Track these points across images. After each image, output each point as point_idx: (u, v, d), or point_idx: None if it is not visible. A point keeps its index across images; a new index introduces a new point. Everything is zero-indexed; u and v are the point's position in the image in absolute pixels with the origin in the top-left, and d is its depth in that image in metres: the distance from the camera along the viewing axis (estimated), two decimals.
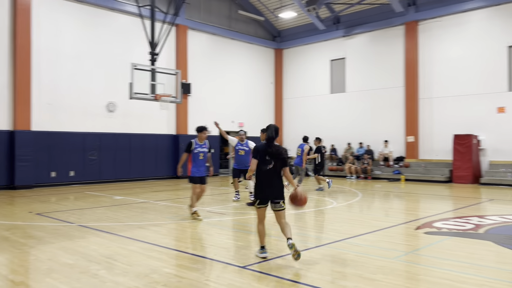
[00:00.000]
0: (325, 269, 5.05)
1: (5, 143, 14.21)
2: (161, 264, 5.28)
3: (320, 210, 9.93)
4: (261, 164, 5.47)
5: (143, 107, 17.39)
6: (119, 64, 16.78)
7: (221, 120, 20.81)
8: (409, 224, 7.97)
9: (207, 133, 8.49)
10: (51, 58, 15.34)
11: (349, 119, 20.92)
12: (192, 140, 8.37)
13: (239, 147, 10.76)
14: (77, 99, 15.97)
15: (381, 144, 19.37)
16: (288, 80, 23.76)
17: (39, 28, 14.98)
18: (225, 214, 9.08)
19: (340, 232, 7.26)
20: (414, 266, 5.26)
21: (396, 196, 12.89)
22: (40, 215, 8.94)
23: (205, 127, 8.52)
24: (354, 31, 20.62)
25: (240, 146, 10.76)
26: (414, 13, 18.61)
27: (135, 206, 10.37)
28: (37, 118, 14.88)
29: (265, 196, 5.48)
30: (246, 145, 10.71)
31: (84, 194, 12.89)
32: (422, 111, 18.61)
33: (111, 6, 16.81)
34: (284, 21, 22.91)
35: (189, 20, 19.55)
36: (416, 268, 5.20)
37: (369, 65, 20.29)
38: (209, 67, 20.57)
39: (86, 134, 16.11)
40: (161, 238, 6.85)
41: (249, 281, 4.56)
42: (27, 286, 4.45)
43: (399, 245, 6.43)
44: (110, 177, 16.76)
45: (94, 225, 7.83)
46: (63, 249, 5.96)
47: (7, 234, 7.00)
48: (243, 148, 10.73)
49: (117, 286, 4.42)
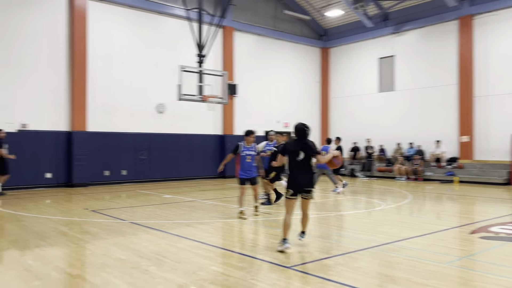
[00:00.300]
0: (373, 272, 4.93)
1: (64, 143, 15.04)
2: (208, 262, 5.37)
3: (368, 211, 9.72)
4: (292, 157, 5.98)
5: (191, 108, 17.78)
6: (168, 66, 17.27)
7: (267, 120, 21.02)
8: (463, 228, 7.62)
9: (254, 136, 8.73)
10: (105, 62, 16.05)
11: (399, 118, 20.31)
12: (239, 143, 8.68)
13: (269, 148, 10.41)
14: (129, 101, 16.60)
15: (432, 144, 18.64)
16: (334, 79, 23.43)
17: (94, 34, 15.72)
18: (271, 214, 9.10)
19: (389, 234, 7.06)
20: (469, 272, 5.02)
21: (449, 198, 12.36)
22: (95, 212, 9.37)
23: (253, 131, 8.78)
24: (404, 28, 20.00)
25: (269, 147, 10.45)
26: (468, 7, 17.76)
27: (183, 204, 10.62)
28: (92, 120, 15.63)
29: (298, 185, 5.89)
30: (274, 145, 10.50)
31: (135, 193, 13.38)
32: (478, 110, 17.73)
33: (160, 10, 17.34)
34: (331, 20, 22.62)
35: (236, 22, 19.77)
36: (470, 274, 4.97)
37: (420, 63, 19.60)
38: (255, 67, 20.70)
39: (137, 134, 16.71)
40: (208, 236, 6.98)
41: (294, 282, 4.54)
42: (83, 279, 4.68)
43: (453, 249, 6.16)
44: (159, 176, 17.28)
45: (144, 222, 8.11)
46: (116, 245, 6.21)
47: (65, 230, 7.40)
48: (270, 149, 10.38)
49: (166, 282, 4.54)
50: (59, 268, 5.09)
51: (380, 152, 20.23)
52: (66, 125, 15.22)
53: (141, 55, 16.99)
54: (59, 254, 5.80)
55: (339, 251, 5.96)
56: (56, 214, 9.10)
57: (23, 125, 14.23)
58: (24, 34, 14.33)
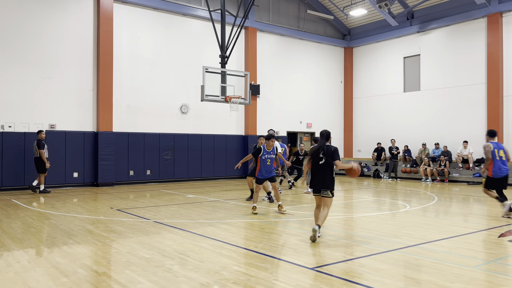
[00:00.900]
0: (397, 275, 4.86)
1: (91, 144, 15.38)
2: (230, 261, 5.40)
3: (393, 213, 9.57)
4: (316, 160, 6.72)
5: (214, 108, 17.91)
6: (191, 67, 17.45)
7: (289, 120, 20.98)
8: (491, 231, 7.42)
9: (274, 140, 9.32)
10: (130, 63, 16.34)
11: (424, 119, 19.93)
12: (261, 147, 9.29)
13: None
14: (153, 102, 16.85)
15: (459, 145, 18.21)
16: (358, 79, 23.18)
17: (120, 35, 16.03)
18: (293, 215, 9.07)
19: (414, 237, 6.93)
20: (497, 276, 4.88)
21: (476, 200, 12.05)
22: (120, 211, 9.55)
23: (274, 136, 9.35)
24: (430, 26, 19.61)
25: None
26: (497, 4, 17.28)
27: (206, 204, 10.70)
28: (117, 120, 15.92)
29: (315, 185, 6.72)
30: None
31: (159, 192, 13.55)
32: (507, 110, 17.23)
33: (184, 12, 17.52)
34: (354, 19, 22.39)
35: (258, 22, 19.79)
36: (499, 278, 4.83)
37: (446, 61, 19.18)
38: (277, 68, 20.68)
39: (161, 134, 16.93)
40: (230, 236, 7.00)
41: (317, 283, 4.51)
42: (108, 277, 4.77)
43: (480, 253, 6.00)
44: (183, 176, 17.47)
45: (168, 221, 8.21)
46: (140, 244, 6.31)
47: (91, 228, 7.56)
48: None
49: (189, 281, 4.59)
50: (86, 266, 5.20)
51: (405, 153, 19.88)
52: (92, 125, 15.55)
53: (165, 56, 17.21)
54: (85, 251, 5.93)
55: (363, 252, 5.89)
56: (82, 213, 9.31)
57: (51, 126, 14.63)
58: (52, 35, 14.73)
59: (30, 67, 14.30)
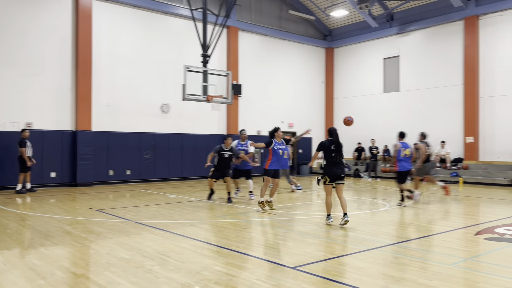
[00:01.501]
0: (377, 273, 4.92)
1: (69, 143, 15.10)
2: (212, 262, 5.37)
3: (373, 212, 9.69)
4: (328, 153, 7.67)
5: (195, 108, 17.82)
6: (172, 66, 17.31)
7: (271, 120, 21.01)
8: (468, 229, 7.59)
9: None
10: (110, 62, 16.11)
11: (403, 119, 20.24)
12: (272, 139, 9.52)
13: (239, 148, 10.92)
14: (133, 101, 16.65)
15: (437, 145, 18.55)
16: (339, 79, 23.39)
17: (99, 33, 15.78)
18: (275, 215, 9.09)
19: (393, 235, 7.04)
20: (473, 273, 5.00)
21: (453, 199, 12.31)
22: (99, 211, 9.40)
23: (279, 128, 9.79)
24: (409, 28, 19.94)
25: (240, 146, 10.94)
26: (474, 7, 17.69)
27: (187, 204, 10.64)
28: (97, 119, 15.68)
29: (333, 174, 7.60)
30: (245, 145, 10.92)
31: (140, 192, 13.41)
32: (483, 111, 17.65)
33: (165, 10, 17.37)
34: (336, 20, 22.58)
35: (240, 22, 19.78)
36: (475, 275, 4.94)
37: (425, 63, 19.54)
38: (259, 67, 20.70)
39: (142, 134, 16.75)
40: (212, 236, 6.98)
41: (298, 282, 4.53)
42: (87, 279, 4.69)
43: (457, 250, 6.13)
44: (163, 176, 17.32)
45: (148, 222, 8.13)
46: (120, 245, 6.23)
47: (70, 229, 7.43)
48: (242, 149, 10.97)
49: (170, 282, 4.55)
50: (64, 267, 5.11)
51: (385, 153, 20.15)
52: (71, 124, 15.28)
53: (146, 55, 17.03)
54: (63, 253, 5.82)
55: (343, 251, 5.95)
56: (60, 214, 9.14)
57: (28, 124, 14.30)
58: (30, 33, 14.41)
59: (6, 64, 13.95)
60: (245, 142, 11.06)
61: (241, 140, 11.11)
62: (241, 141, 11.13)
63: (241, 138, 11.14)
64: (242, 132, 11.20)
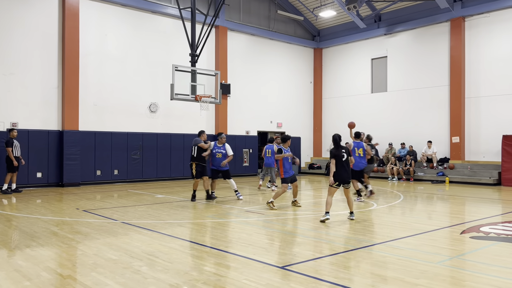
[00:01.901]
0: (365, 272, 4.95)
1: (55, 143, 14.92)
2: (200, 262, 5.36)
3: (361, 212, 9.76)
4: (339, 158, 8.05)
5: (184, 107, 17.75)
6: (161, 66, 17.23)
7: (260, 120, 21.05)
8: (454, 228, 7.69)
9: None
10: (97, 61, 15.96)
11: (391, 119, 20.44)
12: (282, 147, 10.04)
13: (217, 150, 11.11)
14: (121, 100, 16.52)
15: (424, 145, 18.78)
16: (327, 80, 23.51)
17: (86, 32, 15.63)
18: (264, 214, 9.10)
19: (380, 234, 7.10)
20: (459, 272, 5.06)
21: (440, 198, 12.45)
22: (86, 212, 9.31)
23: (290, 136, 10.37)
24: (396, 29, 20.12)
25: (217, 148, 11.11)
26: (460, 9, 17.92)
27: (176, 204, 10.59)
28: (84, 119, 15.52)
29: (343, 179, 8.07)
30: (223, 148, 11.10)
31: (127, 192, 13.31)
32: (468, 111, 17.89)
33: (153, 9, 17.27)
34: (324, 20, 22.69)
35: (229, 21, 19.75)
36: (461, 273, 5.01)
37: (412, 64, 19.74)
38: (248, 67, 20.70)
39: (129, 134, 16.63)
40: (200, 236, 6.96)
41: (287, 282, 4.55)
42: (74, 280, 4.64)
43: (443, 249, 6.20)
44: (151, 176, 17.22)
45: (136, 222, 8.07)
46: (108, 245, 6.17)
47: (56, 230, 7.34)
48: (220, 151, 11.26)
49: (158, 282, 4.52)
50: (50, 269, 5.05)
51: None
52: (57, 124, 15.10)
53: (134, 54, 16.92)
54: (49, 254, 5.75)
55: (332, 251, 5.98)
56: (46, 214, 9.03)
57: (13, 124, 14.10)
58: (15, 31, 14.21)
59: None
60: (223, 145, 11.26)
61: (218, 143, 11.26)
62: (218, 143, 11.27)
63: (219, 140, 11.28)
64: (221, 136, 11.33)
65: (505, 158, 15.82)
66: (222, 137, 11.35)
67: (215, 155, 11.23)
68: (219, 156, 11.22)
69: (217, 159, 11.22)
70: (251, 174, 20.61)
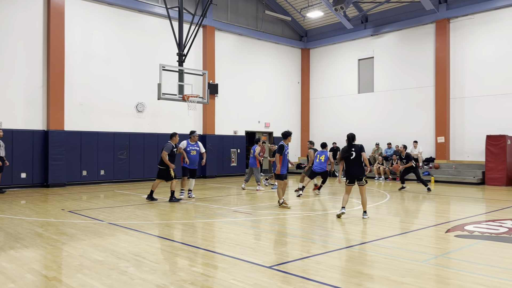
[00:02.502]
0: (352, 271, 4.99)
1: (40, 143, 14.72)
2: (188, 262, 5.34)
3: (348, 211, 9.82)
4: (347, 156, 8.50)
5: (171, 107, 17.66)
6: (148, 65, 17.11)
7: (248, 120, 21.04)
8: (439, 226, 7.79)
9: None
10: (83, 60, 15.78)
11: (377, 119, 20.62)
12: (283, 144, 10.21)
13: (191, 148, 11.22)
14: (108, 100, 16.37)
15: (410, 144, 18.98)
16: (315, 80, 23.61)
17: (71, 31, 15.44)
18: (251, 214, 9.11)
19: (367, 233, 7.16)
20: (444, 270, 5.13)
21: (425, 198, 12.61)
22: (72, 213, 9.20)
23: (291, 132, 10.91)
24: (383, 30, 20.31)
25: (191, 146, 11.25)
26: (445, 10, 18.17)
27: (163, 204, 10.53)
28: (69, 118, 15.34)
29: (352, 176, 8.48)
30: (197, 145, 11.27)
31: (114, 193, 13.19)
32: (453, 111, 18.15)
33: (140, 8, 17.14)
34: (311, 21, 22.78)
35: (216, 21, 19.71)
36: (446, 272, 5.08)
37: (398, 64, 19.95)
38: (236, 67, 20.68)
39: (116, 133, 16.48)
40: (188, 236, 6.93)
41: (274, 281, 4.56)
42: (59, 282, 4.58)
43: (429, 248, 6.28)
44: (138, 176, 17.09)
45: (123, 223, 8.01)
46: (94, 246, 6.11)
47: (41, 231, 7.24)
48: (194, 149, 11.49)
49: (145, 283, 4.50)
50: (35, 270, 4.98)
51: None
52: (42, 124, 14.90)
53: (121, 53, 16.77)
54: (34, 256, 5.67)
55: (319, 250, 6.01)
56: (31, 215, 8.90)
57: None
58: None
59: None
60: (195, 143, 11.42)
61: (191, 141, 11.42)
62: (190, 141, 11.42)
63: (191, 138, 11.42)
64: (193, 134, 11.47)
65: (489, 157, 16.08)
66: (195, 135, 11.55)
67: (189, 152, 11.47)
68: (193, 153, 11.51)
69: (192, 156, 11.50)
70: (238, 174, 20.60)
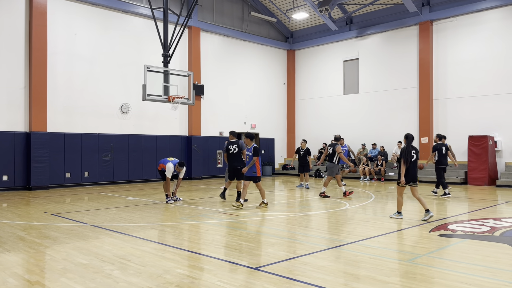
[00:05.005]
0: (338, 271, 5.02)
1: (22, 145, 14.46)
2: (173, 264, 5.30)
3: (333, 211, 9.88)
4: (409, 158, 8.36)
5: (156, 108, 17.54)
6: (132, 66, 16.97)
7: (234, 121, 21.01)
8: (423, 226, 7.89)
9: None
10: (66, 61, 15.57)
11: (362, 120, 20.79)
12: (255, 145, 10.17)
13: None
14: (91, 101, 16.18)
15: (394, 145, 19.20)
16: (300, 81, 23.71)
17: (54, 31, 15.23)
18: (238, 216, 9.09)
19: (353, 234, 7.21)
20: (429, 269, 5.20)
21: (410, 198, 12.74)
22: (55, 216, 9.06)
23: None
24: (367, 32, 20.50)
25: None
26: (428, 13, 18.43)
27: (148, 207, 10.45)
28: (52, 120, 15.12)
29: (411, 177, 8.36)
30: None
31: (98, 195, 13.04)
32: (436, 112, 18.41)
33: (124, 9, 16.99)
34: (297, 22, 22.88)
35: (202, 22, 19.65)
36: (430, 271, 5.14)
37: (382, 66, 20.15)
38: (221, 68, 20.65)
39: (100, 135, 16.29)
40: (173, 238, 6.88)
41: (261, 283, 4.55)
42: (42, 286, 4.51)
43: (413, 247, 6.35)
44: (123, 178, 16.93)
45: (107, 225, 7.91)
46: (78, 249, 6.03)
47: (23, 234, 7.11)
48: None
49: (130, 286, 4.45)
50: (17, 275, 4.88)
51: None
52: (24, 126, 14.65)
53: (105, 54, 16.59)
54: (16, 260, 5.57)
55: (305, 251, 6.03)
56: (13, 219, 8.73)
57: None
58: None
59: None
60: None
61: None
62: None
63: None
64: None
65: (471, 158, 16.35)
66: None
67: None
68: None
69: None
70: (224, 175, 20.52)
